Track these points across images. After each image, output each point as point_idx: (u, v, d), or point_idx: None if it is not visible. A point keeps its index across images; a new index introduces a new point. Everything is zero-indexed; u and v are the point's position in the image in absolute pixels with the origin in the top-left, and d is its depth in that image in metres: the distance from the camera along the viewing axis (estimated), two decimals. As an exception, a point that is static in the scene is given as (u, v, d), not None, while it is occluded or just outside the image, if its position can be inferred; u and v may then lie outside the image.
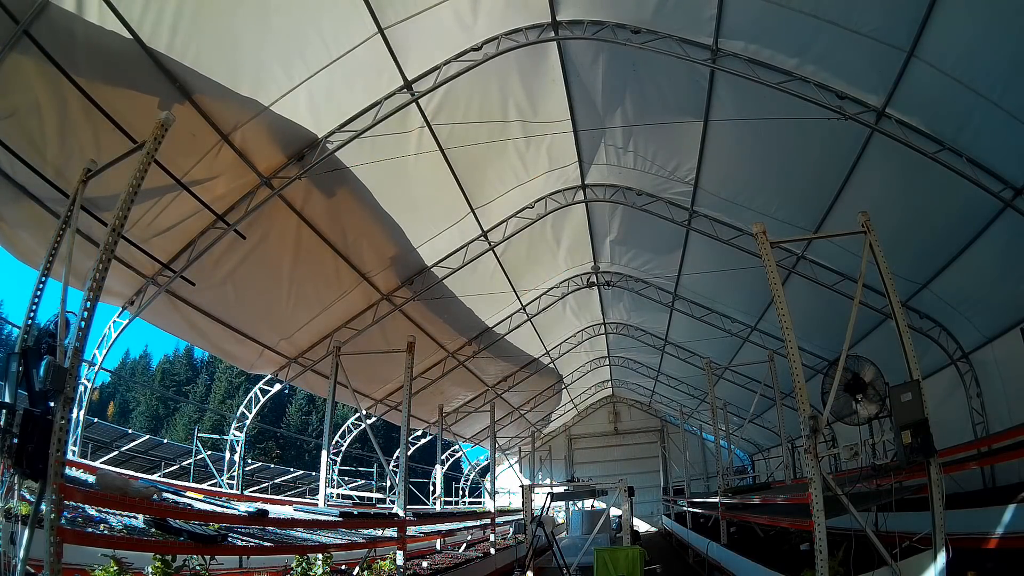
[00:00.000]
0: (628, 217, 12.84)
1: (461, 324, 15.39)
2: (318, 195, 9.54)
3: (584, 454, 31.46)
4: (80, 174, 4.70)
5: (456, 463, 29.43)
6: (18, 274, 71.30)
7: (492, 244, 12.27)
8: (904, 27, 6.46)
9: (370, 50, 7.66)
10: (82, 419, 9.69)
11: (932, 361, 10.82)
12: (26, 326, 4.32)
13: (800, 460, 18.55)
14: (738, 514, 10.81)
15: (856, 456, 5.48)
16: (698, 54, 7.76)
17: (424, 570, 9.95)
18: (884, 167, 8.29)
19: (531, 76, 9.10)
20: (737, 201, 10.64)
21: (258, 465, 24.06)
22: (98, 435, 17.48)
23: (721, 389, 16.64)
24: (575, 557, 9.57)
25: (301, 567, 6.91)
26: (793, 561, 7.05)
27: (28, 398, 3.79)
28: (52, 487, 3.50)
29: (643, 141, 10.42)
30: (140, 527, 4.95)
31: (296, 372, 13.05)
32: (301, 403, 55.22)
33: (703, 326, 15.52)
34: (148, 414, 53.72)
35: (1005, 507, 5.74)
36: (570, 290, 15.96)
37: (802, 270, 10.91)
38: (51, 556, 3.38)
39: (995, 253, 8.40)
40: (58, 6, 5.70)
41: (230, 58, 7.06)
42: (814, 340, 13.38)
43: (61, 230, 4.68)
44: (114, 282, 8.71)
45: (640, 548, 8.56)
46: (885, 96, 7.27)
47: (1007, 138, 6.81)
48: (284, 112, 7.90)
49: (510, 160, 10.74)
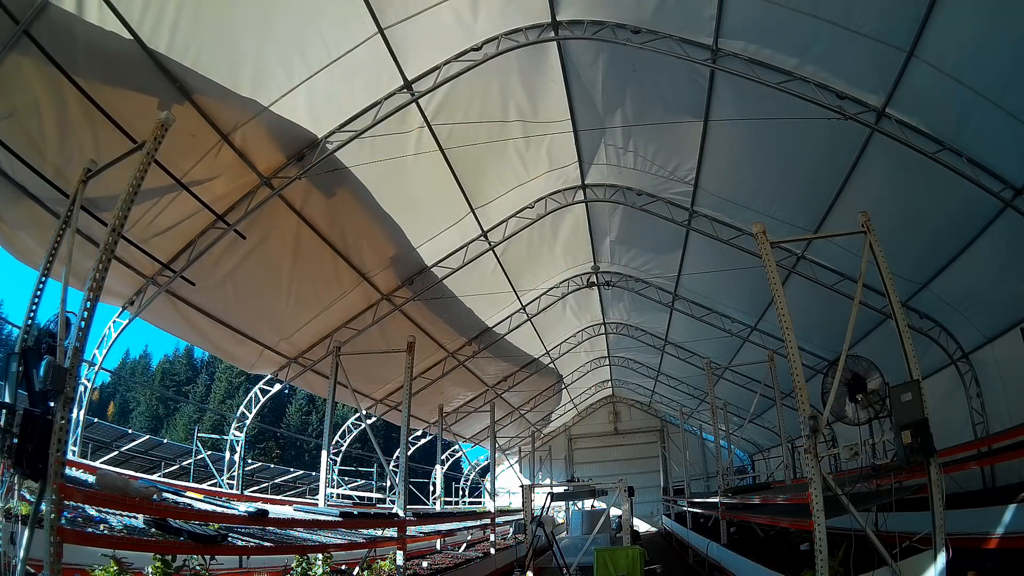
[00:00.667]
0: (628, 217, 12.84)
1: (461, 324, 15.39)
2: (318, 195, 9.54)
3: (584, 454, 31.46)
4: (80, 174, 4.70)
5: (456, 463, 29.42)
6: (18, 274, 71.34)
7: (492, 244, 12.27)
8: (904, 27, 6.46)
9: (370, 50, 7.66)
10: (82, 419, 9.70)
11: (932, 361, 10.82)
12: (26, 326, 4.32)
13: (800, 460, 18.54)
14: (738, 514, 10.81)
15: (856, 456, 5.47)
16: (698, 54, 7.76)
17: (424, 570, 9.96)
18: (884, 167, 8.29)
19: (531, 76, 9.11)
20: (737, 201, 10.65)
21: (258, 465, 24.05)
22: (98, 435, 17.47)
23: (721, 389, 16.64)
24: (575, 557, 9.56)
25: (301, 567, 6.91)
26: (793, 561, 7.05)
27: (28, 398, 3.79)
28: (52, 487, 3.50)
29: (643, 141, 10.42)
30: (140, 527, 4.95)
31: (296, 372, 13.06)
32: (301, 403, 55.21)
33: (703, 326, 15.52)
34: (148, 414, 53.71)
35: (1005, 507, 5.74)
36: (570, 290, 15.97)
37: (802, 270, 10.91)
38: (51, 556, 3.38)
39: (995, 253, 8.40)
40: (58, 6, 5.70)
41: (230, 58, 7.06)
42: (814, 340, 13.38)
43: (61, 230, 4.68)
44: (114, 282, 8.71)
45: (640, 548, 8.56)
46: (885, 96, 7.27)
47: (1007, 138, 6.81)
48: (284, 112, 7.90)
49: (510, 160, 10.74)
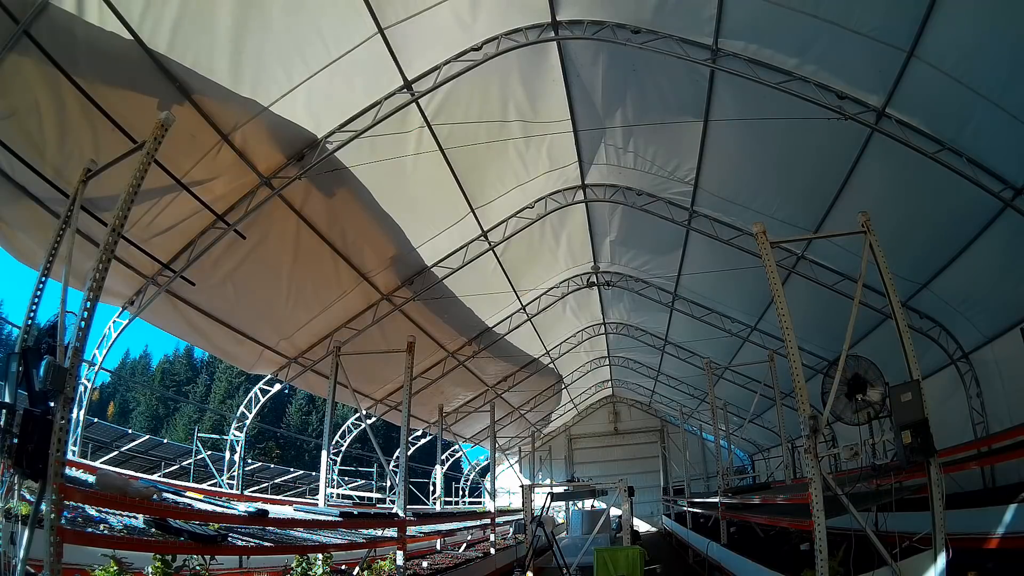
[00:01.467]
0: (628, 217, 12.84)
1: (461, 324, 15.39)
2: (318, 195, 9.54)
3: (584, 454, 31.47)
4: (80, 174, 4.70)
5: (456, 463, 29.42)
6: (18, 274, 71.31)
7: (492, 244, 12.27)
8: (904, 27, 6.46)
9: (370, 50, 7.65)
10: (82, 419, 9.70)
11: (932, 361, 10.82)
12: (26, 326, 4.32)
13: (800, 460, 18.54)
14: (738, 514, 10.81)
15: (856, 456, 5.48)
16: (698, 54, 7.75)
17: (424, 570, 9.96)
18: (884, 167, 8.29)
19: (531, 76, 9.10)
20: (737, 201, 10.64)
21: (258, 465, 24.04)
22: (98, 435, 17.47)
23: (721, 389, 16.65)
24: (575, 557, 9.57)
25: (301, 567, 6.91)
26: (793, 561, 7.05)
27: (28, 398, 3.79)
28: (52, 487, 3.50)
29: (643, 141, 10.42)
30: (140, 527, 4.94)
31: (296, 372, 13.06)
32: (301, 403, 55.21)
33: (703, 326, 15.52)
34: (148, 414, 53.69)
35: (1005, 507, 5.74)
36: (570, 290, 15.96)
37: (802, 270, 10.91)
38: (51, 556, 3.38)
39: (995, 253, 8.40)
40: (58, 6, 5.70)
41: (230, 59, 7.05)
42: (814, 340, 13.38)
43: (61, 230, 4.68)
44: (114, 282, 8.71)
45: (640, 548, 8.56)
46: (885, 96, 7.27)
47: (1007, 138, 6.81)
48: (284, 112, 7.90)
49: (510, 160, 10.74)
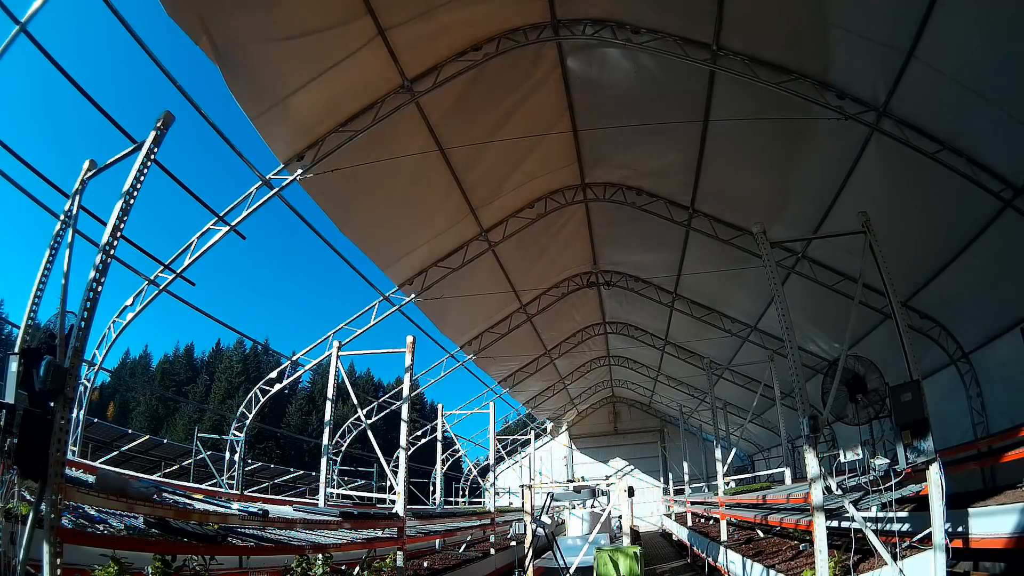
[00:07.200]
0: (628, 217, 12.84)
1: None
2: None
3: (584, 454, 31.45)
4: (80, 174, 4.70)
5: (456, 463, 29.39)
6: (18, 274, 71.26)
7: (491, 244, 12.29)
8: (904, 27, 6.46)
9: (370, 50, 7.66)
10: (82, 419, 9.69)
11: (932, 361, 10.82)
12: (26, 326, 4.32)
13: (800, 460, 18.54)
14: (738, 514, 10.81)
15: (856, 456, 5.48)
16: (698, 54, 7.76)
17: (424, 570, 9.95)
18: (884, 167, 8.29)
19: (531, 76, 9.10)
20: (737, 201, 10.64)
21: (258, 465, 24.03)
22: (98, 435, 17.45)
23: (721, 389, 16.65)
24: (575, 557, 9.56)
25: (301, 567, 6.90)
26: (793, 561, 7.05)
27: (28, 398, 3.79)
28: (52, 487, 3.49)
29: (643, 141, 10.42)
30: (140, 527, 4.94)
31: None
32: (301, 403, 55.30)
33: (703, 326, 15.52)
34: (148, 414, 53.76)
35: (1005, 507, 5.73)
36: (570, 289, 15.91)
37: (802, 270, 10.90)
38: (51, 556, 3.37)
39: (995, 253, 8.40)
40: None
41: (230, 59, 7.05)
42: (814, 340, 13.38)
43: (61, 230, 4.68)
44: (114, 282, 8.70)
45: (640, 548, 8.56)
46: (885, 96, 7.27)
47: (1007, 138, 6.81)
48: (284, 112, 7.90)
49: (510, 160, 10.73)
